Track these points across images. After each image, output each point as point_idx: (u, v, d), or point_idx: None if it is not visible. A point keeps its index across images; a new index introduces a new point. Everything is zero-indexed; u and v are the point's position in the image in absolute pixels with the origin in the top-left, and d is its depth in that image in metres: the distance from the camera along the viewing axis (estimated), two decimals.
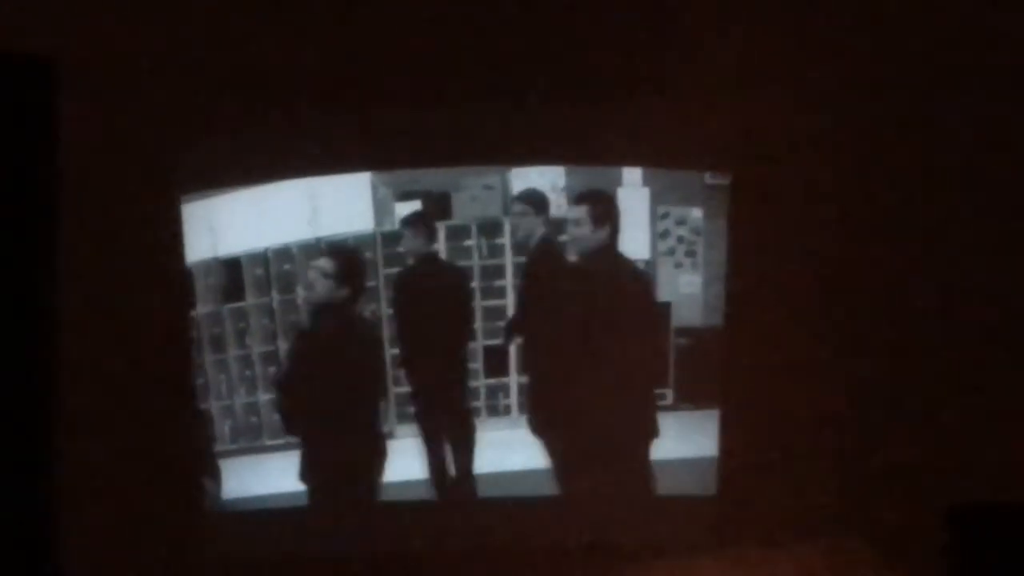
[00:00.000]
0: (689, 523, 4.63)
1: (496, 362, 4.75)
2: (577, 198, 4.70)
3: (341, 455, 4.75)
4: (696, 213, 4.74)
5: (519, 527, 4.70)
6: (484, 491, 4.76)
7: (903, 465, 4.70)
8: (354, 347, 4.76)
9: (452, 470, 4.78)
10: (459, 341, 4.76)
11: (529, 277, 4.73)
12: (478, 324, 4.76)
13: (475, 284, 4.76)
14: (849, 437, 4.72)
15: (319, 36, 4.73)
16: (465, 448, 4.76)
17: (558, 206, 4.71)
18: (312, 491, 4.76)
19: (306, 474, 4.76)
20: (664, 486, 4.73)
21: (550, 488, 4.72)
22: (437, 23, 4.73)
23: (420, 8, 4.75)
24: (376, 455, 4.75)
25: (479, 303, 4.76)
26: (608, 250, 4.69)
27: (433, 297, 4.76)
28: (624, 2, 4.76)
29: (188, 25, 4.70)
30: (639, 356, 4.72)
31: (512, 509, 4.73)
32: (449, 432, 4.78)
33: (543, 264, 4.73)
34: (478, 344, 4.77)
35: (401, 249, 4.74)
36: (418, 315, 4.76)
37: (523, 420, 4.76)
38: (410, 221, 4.73)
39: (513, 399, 4.77)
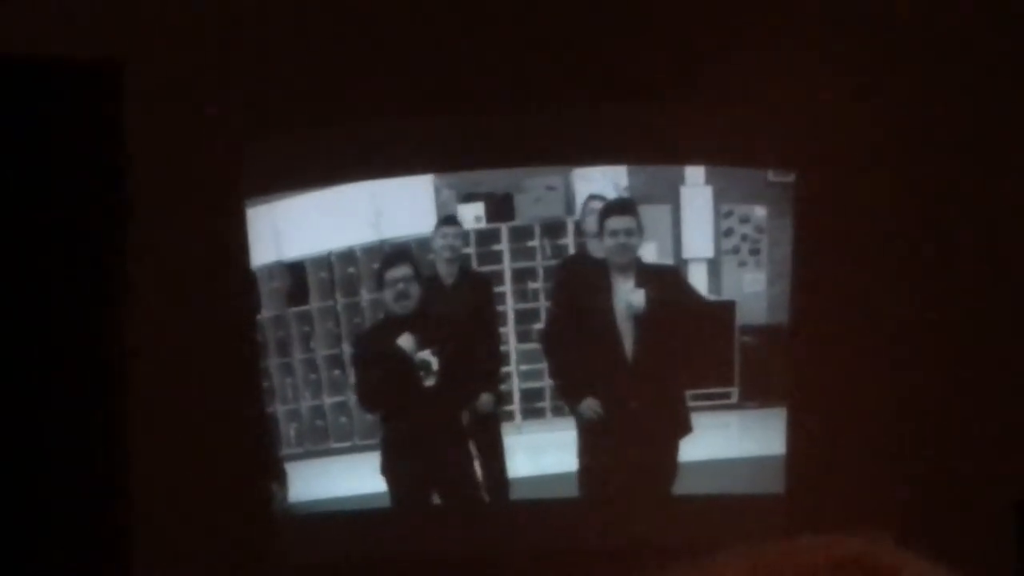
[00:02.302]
0: (756, 521, 4.61)
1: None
2: (621, 208, 4.69)
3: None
4: (760, 211, 4.72)
5: (552, 529, 4.72)
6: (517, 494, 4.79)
7: (973, 460, 4.67)
8: None
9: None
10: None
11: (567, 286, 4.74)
12: (541, 325, 4.76)
13: (538, 285, 4.76)
14: (917, 433, 4.70)
15: (380, 40, 4.75)
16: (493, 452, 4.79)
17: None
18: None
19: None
20: (730, 484, 4.73)
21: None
22: (497, 25, 4.74)
23: (483, 8, 4.76)
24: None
25: (543, 304, 4.76)
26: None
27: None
28: (685, 2, 4.76)
29: (252, 32, 4.72)
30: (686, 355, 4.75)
31: (546, 511, 4.75)
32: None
33: (578, 273, 4.74)
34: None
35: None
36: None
37: (556, 423, 4.76)
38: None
39: (548, 402, 4.78)
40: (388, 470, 4.78)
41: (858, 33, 4.73)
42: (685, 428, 4.71)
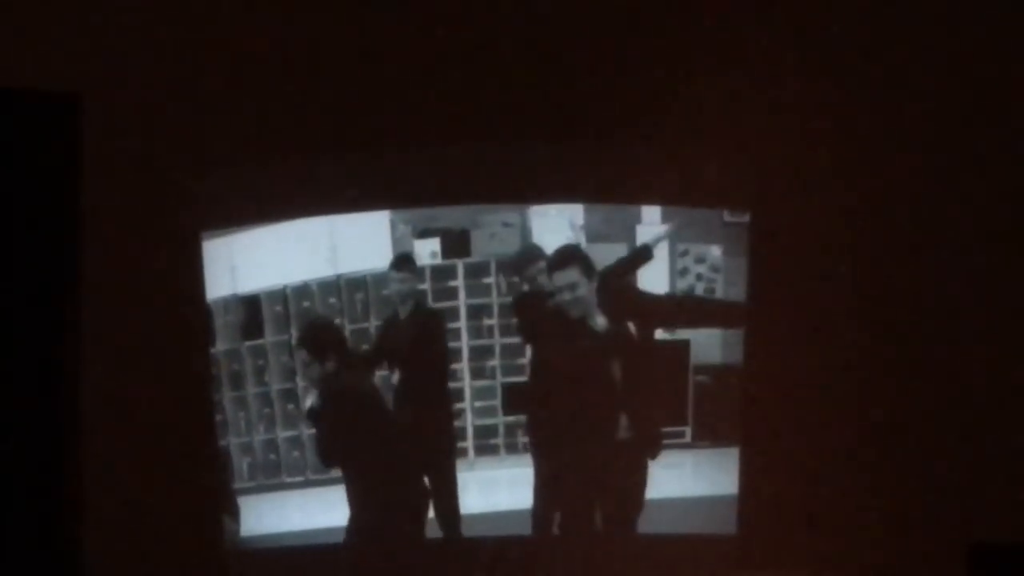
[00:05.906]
0: (707, 562, 4.62)
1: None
2: (562, 261, 4.68)
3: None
4: (715, 251, 4.74)
5: (504, 566, 4.72)
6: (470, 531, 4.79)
7: (925, 503, 4.69)
8: None
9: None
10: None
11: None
12: (496, 362, 4.77)
13: (493, 322, 4.76)
14: (869, 474, 4.72)
15: (339, 76, 4.76)
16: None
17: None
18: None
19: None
20: (683, 524, 4.73)
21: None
22: (457, 61, 4.75)
23: (440, 46, 4.78)
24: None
25: (498, 340, 4.76)
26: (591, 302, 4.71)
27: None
28: (642, 42, 4.78)
29: (210, 66, 4.73)
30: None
31: (497, 548, 4.75)
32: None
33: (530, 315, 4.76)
34: (496, 383, 4.79)
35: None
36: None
37: (510, 460, 4.76)
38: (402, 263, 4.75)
39: (501, 439, 4.78)
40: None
41: (812, 75, 4.76)
42: (656, 447, 4.71)
